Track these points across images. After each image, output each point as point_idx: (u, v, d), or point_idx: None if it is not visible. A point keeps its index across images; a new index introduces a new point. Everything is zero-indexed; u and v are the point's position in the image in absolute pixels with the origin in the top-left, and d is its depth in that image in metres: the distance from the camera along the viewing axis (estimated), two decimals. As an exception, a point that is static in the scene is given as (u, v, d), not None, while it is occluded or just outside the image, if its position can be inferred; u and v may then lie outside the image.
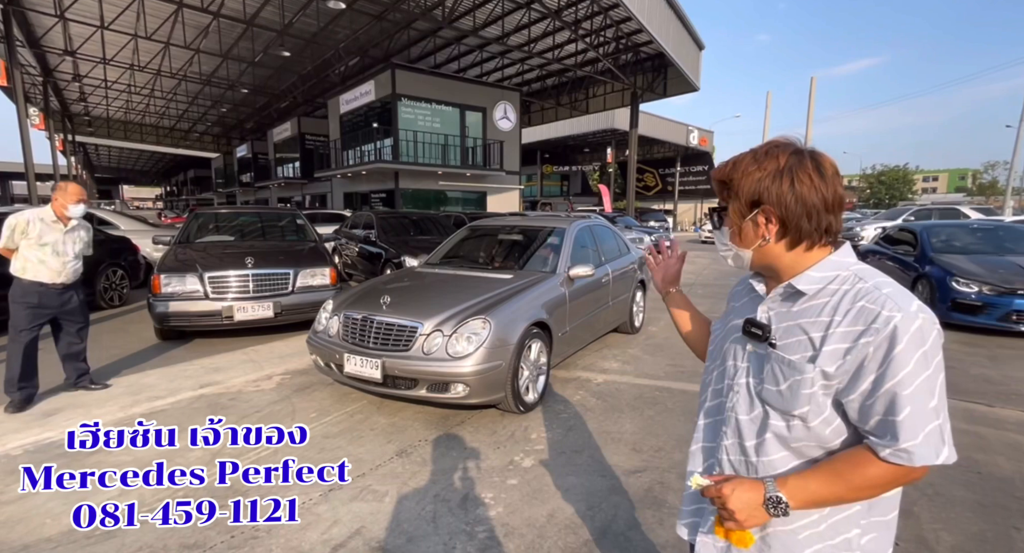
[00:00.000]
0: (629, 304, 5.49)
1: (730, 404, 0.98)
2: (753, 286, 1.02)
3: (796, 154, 0.88)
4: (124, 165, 56.23)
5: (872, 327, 0.80)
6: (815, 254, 0.91)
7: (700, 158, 36.23)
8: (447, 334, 3.21)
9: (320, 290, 5.22)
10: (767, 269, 0.96)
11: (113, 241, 7.02)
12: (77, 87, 23.44)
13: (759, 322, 0.94)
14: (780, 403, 0.88)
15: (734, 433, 0.97)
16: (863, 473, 0.82)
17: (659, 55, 17.74)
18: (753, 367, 0.95)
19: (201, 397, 3.74)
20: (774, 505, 0.84)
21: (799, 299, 0.90)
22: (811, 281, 0.89)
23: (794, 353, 0.87)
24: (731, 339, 1.02)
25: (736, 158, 0.93)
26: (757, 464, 0.93)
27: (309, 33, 15.90)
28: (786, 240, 0.90)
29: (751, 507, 0.84)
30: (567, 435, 3.22)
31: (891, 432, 0.78)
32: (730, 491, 0.85)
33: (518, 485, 2.63)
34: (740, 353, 0.98)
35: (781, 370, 0.88)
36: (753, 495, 0.85)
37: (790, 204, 0.86)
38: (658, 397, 3.87)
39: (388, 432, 3.22)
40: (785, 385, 0.87)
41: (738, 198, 0.92)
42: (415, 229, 8.99)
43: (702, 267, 12.86)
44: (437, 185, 18.32)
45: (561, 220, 5.02)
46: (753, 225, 0.91)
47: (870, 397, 0.80)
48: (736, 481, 0.87)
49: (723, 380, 1.02)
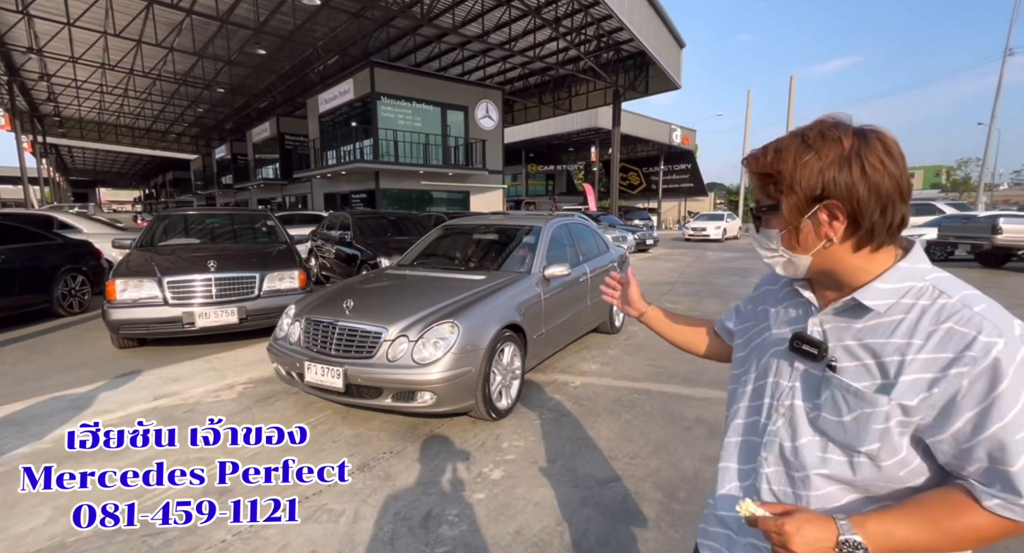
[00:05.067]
0: (609, 304, 5.37)
1: (773, 427, 0.85)
2: (798, 291, 0.87)
3: (860, 135, 0.73)
4: (101, 168, 54.84)
5: (966, 355, 0.66)
6: (882, 257, 0.77)
7: (683, 157, 36.47)
8: (413, 339, 3.05)
9: (288, 294, 5.00)
10: (824, 275, 0.81)
11: (73, 245, 6.71)
12: (45, 86, 22.70)
13: (812, 338, 0.80)
14: (842, 437, 0.76)
15: (777, 460, 0.84)
16: (965, 522, 0.68)
17: (640, 53, 17.73)
18: (805, 390, 0.82)
19: (154, 410, 3.52)
20: (851, 549, 0.69)
21: (864, 315, 0.77)
22: (880, 295, 0.75)
23: (860, 380, 0.74)
24: (772, 352, 0.88)
25: (778, 145, 0.78)
26: (808, 498, 0.80)
27: (286, 31, 15.56)
28: (854, 240, 0.76)
29: (819, 550, 0.70)
30: (540, 443, 3.07)
31: (1002, 483, 0.66)
32: (795, 529, 0.70)
33: (485, 500, 2.47)
34: (786, 370, 0.85)
35: (845, 399, 0.75)
36: (823, 535, 0.70)
37: (862, 195, 0.72)
38: (636, 400, 3.75)
39: (351, 444, 3.05)
40: (850, 417, 0.74)
41: (794, 192, 0.76)
42: (393, 230, 8.78)
43: (685, 265, 12.84)
44: (419, 185, 18.09)
45: (538, 219, 4.88)
46: (814, 224, 0.76)
47: (969, 441, 0.67)
48: (801, 516, 0.72)
49: (761, 398, 0.88)
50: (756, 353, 0.93)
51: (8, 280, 5.57)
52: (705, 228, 21.91)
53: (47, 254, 6.20)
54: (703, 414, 3.48)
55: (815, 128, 0.76)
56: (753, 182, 0.83)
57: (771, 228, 0.82)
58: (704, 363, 4.59)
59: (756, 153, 0.81)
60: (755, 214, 0.85)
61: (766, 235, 0.83)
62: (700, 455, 2.90)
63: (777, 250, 0.82)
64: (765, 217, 0.83)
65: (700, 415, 3.47)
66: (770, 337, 0.90)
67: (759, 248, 0.86)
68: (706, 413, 3.50)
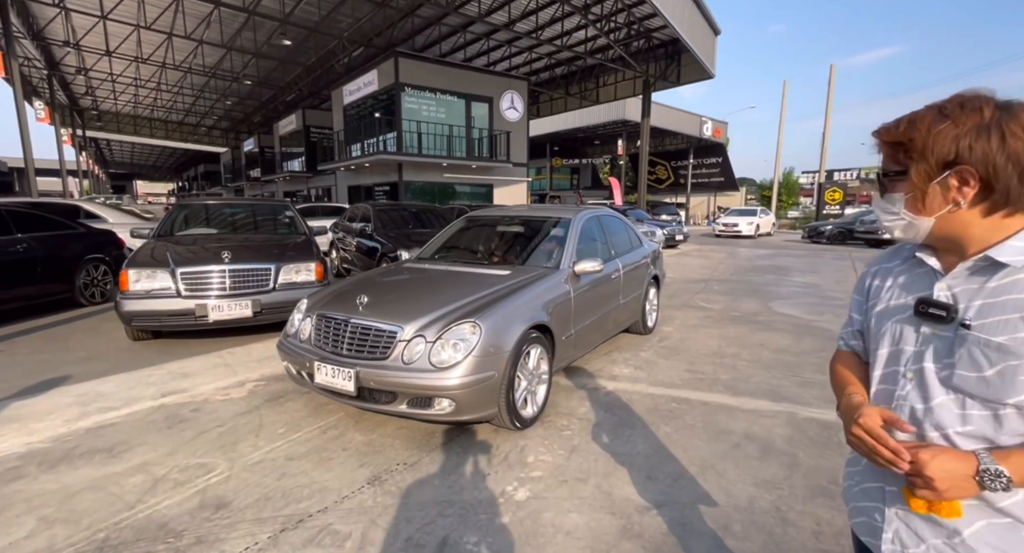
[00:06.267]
0: (642, 302, 5.00)
1: (901, 392, 0.89)
2: (922, 260, 0.91)
3: (1003, 106, 0.78)
4: (137, 161, 56.63)
5: None
6: (1014, 222, 0.81)
7: (714, 150, 35.33)
8: (430, 340, 2.76)
9: (305, 287, 4.79)
10: (947, 241, 0.87)
11: (96, 235, 6.67)
12: (83, 80, 23.36)
13: (939, 301, 0.85)
14: (985, 391, 0.79)
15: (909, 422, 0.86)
16: None
17: (673, 41, 17.08)
18: (935, 351, 0.85)
19: (161, 407, 3.34)
20: (993, 478, 0.75)
21: (996, 273, 0.81)
22: (1017, 252, 0.79)
23: (1001, 334, 0.77)
24: (894, 319, 0.92)
25: (912, 116, 0.84)
26: None
27: (311, 21, 15.50)
28: (984, 205, 0.81)
29: (956, 477, 0.77)
30: (570, 458, 2.76)
31: None
32: (929, 456, 0.77)
33: (509, 525, 2.18)
34: (911, 336, 0.89)
35: (986, 354, 0.78)
36: (961, 465, 0.77)
37: (999, 163, 0.77)
38: (675, 410, 3.39)
39: (363, 453, 2.79)
40: (993, 371, 0.78)
41: (925, 159, 0.82)
42: (415, 222, 8.54)
43: (717, 262, 12.28)
44: (442, 177, 17.86)
45: (566, 210, 4.54)
46: (942, 189, 0.82)
47: None
48: (936, 448, 0.80)
49: (888, 366, 0.93)
50: (877, 324, 0.96)
51: (29, 269, 5.53)
52: (737, 224, 21.08)
53: (70, 243, 6.16)
54: (752, 429, 3.11)
55: (954, 100, 0.81)
56: (882, 151, 0.89)
57: (895, 192, 0.88)
58: (748, 370, 4.20)
59: (888, 124, 0.87)
60: (880, 180, 0.91)
61: (890, 200, 0.89)
62: (754, 479, 2.54)
63: (899, 214, 0.88)
64: (891, 183, 0.89)
65: (749, 430, 3.09)
66: (889, 307, 0.94)
67: (880, 212, 0.92)
68: (755, 427, 3.13)
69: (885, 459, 0.81)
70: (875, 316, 0.97)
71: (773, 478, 2.55)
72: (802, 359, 4.49)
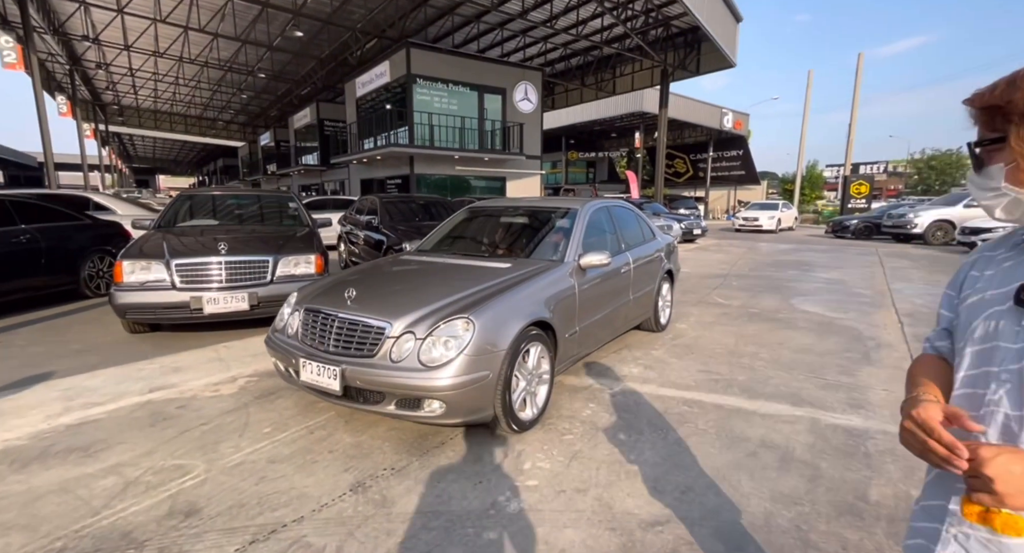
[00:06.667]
0: (654, 298, 4.75)
1: (993, 397, 0.76)
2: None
3: None
4: (159, 155, 57.74)
5: None
6: None
7: (734, 142, 34.45)
8: (420, 337, 2.57)
9: (304, 280, 4.64)
10: None
11: (102, 226, 6.64)
12: (104, 75, 23.70)
13: None
14: None
15: (1000, 434, 0.74)
16: None
17: (693, 29, 16.53)
18: None
19: (147, 404, 3.22)
20: None
21: None
22: None
23: None
24: (990, 311, 0.80)
25: (1012, 78, 0.74)
26: None
27: (324, 13, 15.38)
28: None
29: (1020, 478, 0.64)
30: (570, 465, 2.55)
31: None
32: (992, 453, 0.66)
33: (496, 541, 1.98)
34: (1009, 331, 0.76)
35: None
36: None
37: None
38: (686, 414, 3.15)
39: (349, 456, 2.62)
40: None
41: None
42: (423, 214, 8.37)
43: (736, 257, 11.88)
44: (454, 170, 17.65)
45: (574, 201, 4.31)
46: None
47: None
48: (1001, 446, 0.68)
49: (979, 365, 0.79)
50: (967, 317, 0.85)
51: (34, 260, 5.50)
52: (757, 218, 20.49)
53: (75, 234, 6.13)
54: (770, 435, 2.86)
55: None
56: (977, 118, 0.80)
57: (993, 164, 0.79)
58: (766, 371, 3.92)
59: (983, 89, 0.79)
60: (974, 152, 0.81)
61: (987, 175, 0.80)
62: (771, 492, 2.30)
63: (999, 188, 0.78)
64: (988, 154, 0.79)
65: (766, 437, 2.84)
66: (985, 298, 0.83)
67: (976, 190, 0.82)
68: (773, 434, 2.88)
69: (939, 456, 0.71)
70: (966, 309, 0.85)
71: (793, 492, 2.31)
72: (825, 360, 4.20)
